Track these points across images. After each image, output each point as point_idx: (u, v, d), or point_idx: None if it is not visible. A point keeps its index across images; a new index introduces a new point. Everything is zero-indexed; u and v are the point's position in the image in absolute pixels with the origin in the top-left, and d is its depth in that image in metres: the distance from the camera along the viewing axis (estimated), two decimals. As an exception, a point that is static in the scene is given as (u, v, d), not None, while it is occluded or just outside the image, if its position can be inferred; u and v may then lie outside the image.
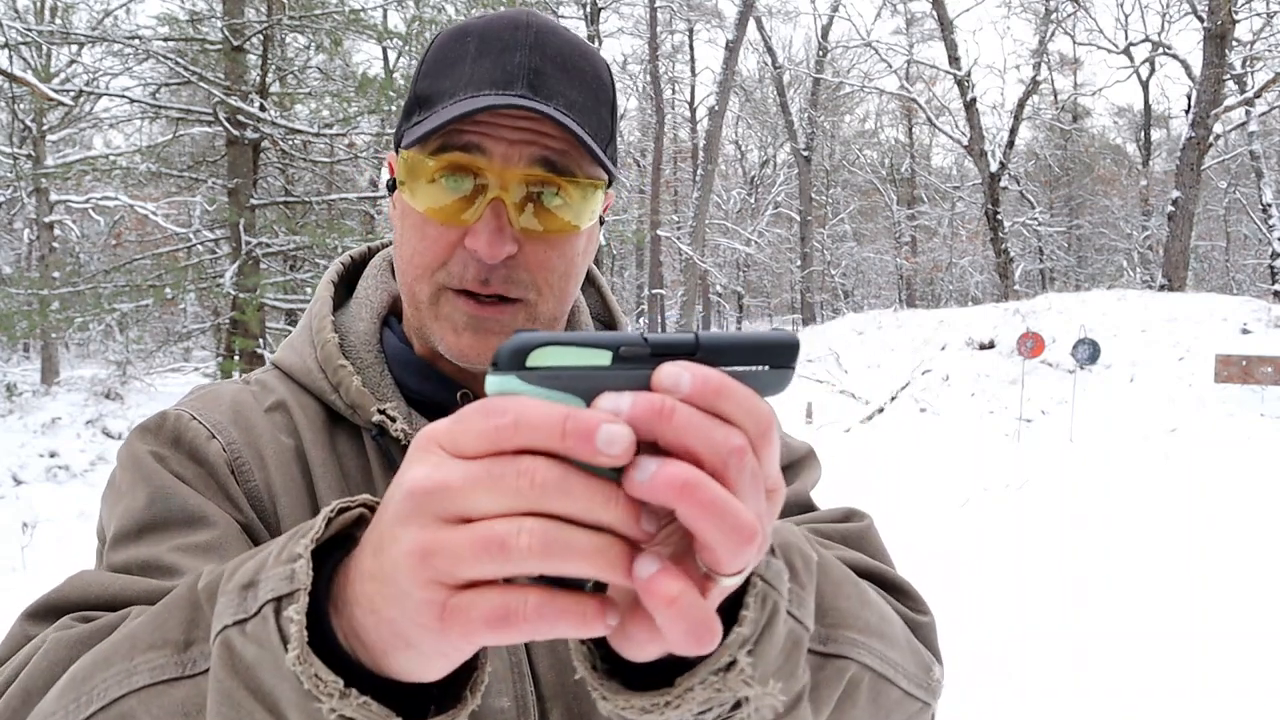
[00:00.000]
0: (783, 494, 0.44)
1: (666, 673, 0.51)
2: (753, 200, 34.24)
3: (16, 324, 10.48)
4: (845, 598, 0.68)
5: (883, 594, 0.78)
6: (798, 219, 29.64)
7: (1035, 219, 29.22)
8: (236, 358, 11.80)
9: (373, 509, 0.51)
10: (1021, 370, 12.28)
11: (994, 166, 21.27)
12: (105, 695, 0.57)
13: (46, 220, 13.12)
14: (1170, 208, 17.86)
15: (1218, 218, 32.65)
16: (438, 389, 0.85)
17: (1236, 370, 10.57)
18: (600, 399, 0.39)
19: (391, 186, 0.85)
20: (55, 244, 14.17)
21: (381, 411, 0.80)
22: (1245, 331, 13.06)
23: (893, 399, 13.69)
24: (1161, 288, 17.42)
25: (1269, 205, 20.16)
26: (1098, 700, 3.81)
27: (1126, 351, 12.92)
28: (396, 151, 0.84)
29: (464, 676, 0.51)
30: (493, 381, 0.41)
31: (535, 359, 0.40)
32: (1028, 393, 12.04)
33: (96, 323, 11.19)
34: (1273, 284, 19.61)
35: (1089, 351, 11.78)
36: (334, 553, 0.50)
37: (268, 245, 11.27)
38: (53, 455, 9.30)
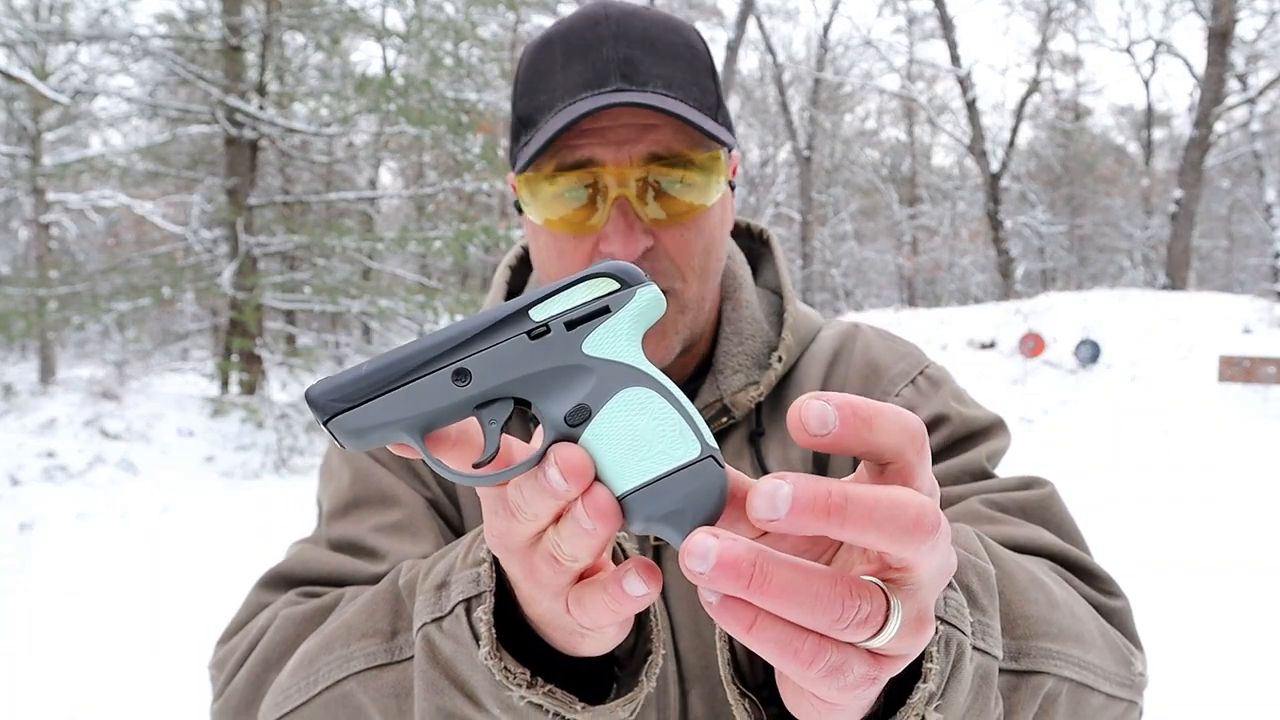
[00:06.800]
0: (939, 496, 0.43)
1: None
2: (753, 200, 34.19)
3: (14, 324, 10.45)
4: (1033, 603, 0.65)
5: (1068, 577, 0.74)
6: (798, 219, 29.60)
7: (1036, 218, 29.18)
8: (234, 358, 11.77)
9: None
10: (1023, 370, 12.25)
11: (995, 166, 21.23)
12: (329, 676, 0.67)
13: (43, 220, 13.09)
14: (1172, 207, 17.82)
15: (1220, 217, 32.59)
16: None
17: (1239, 370, 10.53)
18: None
19: (519, 207, 0.88)
20: (53, 244, 14.14)
21: None
22: (1247, 331, 13.02)
23: (894, 399, 13.66)
24: (1164, 287, 17.39)
25: (1271, 205, 20.10)
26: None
27: (1128, 351, 12.88)
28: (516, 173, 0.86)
29: (641, 663, 0.58)
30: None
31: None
32: (1029, 392, 12.00)
33: (94, 322, 11.13)
34: (1275, 283, 19.56)
35: (1090, 351, 11.75)
36: None
37: (266, 245, 11.22)
38: (50, 455, 9.25)
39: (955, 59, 21.66)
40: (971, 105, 21.38)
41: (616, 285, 0.45)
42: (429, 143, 12.11)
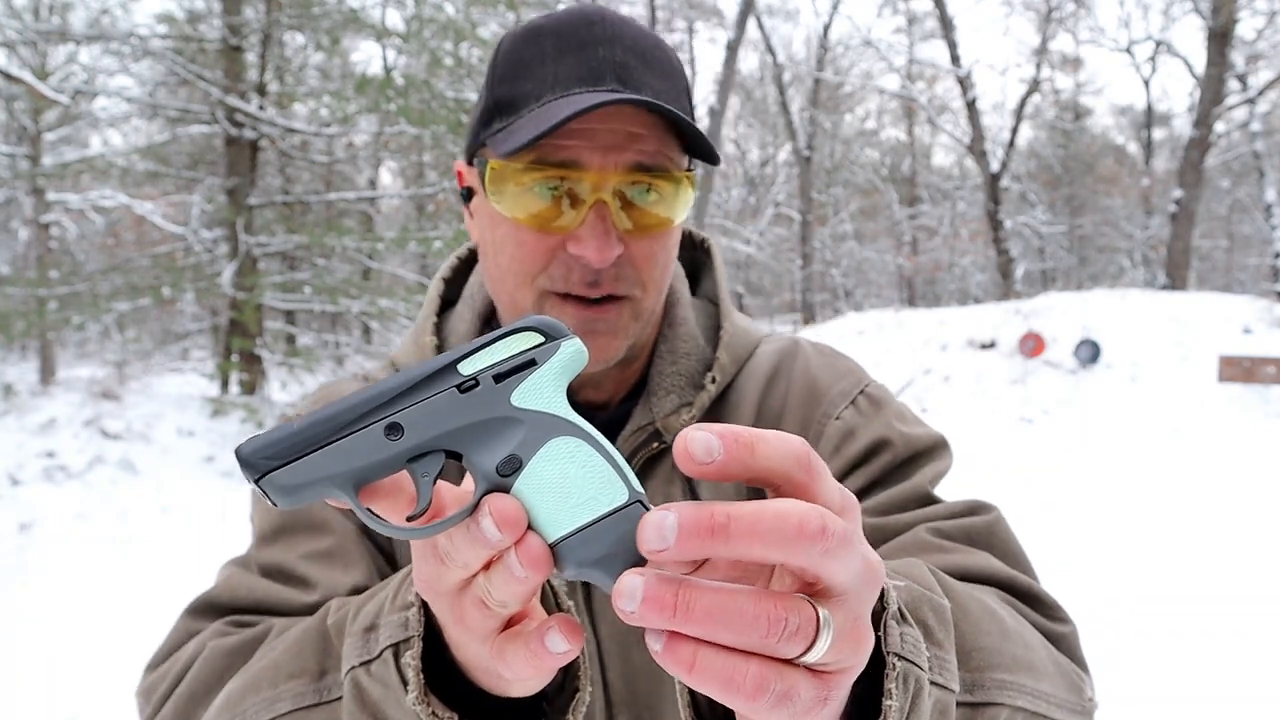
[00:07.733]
0: (856, 510, 0.44)
1: None
2: (753, 200, 34.19)
3: (14, 324, 10.44)
4: (986, 634, 0.65)
5: (1015, 604, 0.74)
6: (798, 219, 29.60)
7: (1036, 218, 29.17)
8: (234, 358, 11.76)
9: None
10: (1023, 370, 12.24)
11: (995, 166, 21.22)
12: (257, 718, 0.66)
13: (43, 220, 13.08)
14: (1172, 207, 17.81)
15: (1220, 217, 32.59)
16: None
17: (1240, 370, 10.52)
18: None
19: (467, 196, 0.84)
20: (53, 244, 14.13)
21: None
22: (1247, 331, 13.01)
23: (894, 399, 13.64)
24: (1164, 287, 17.39)
25: (1271, 205, 20.10)
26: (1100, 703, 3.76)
27: (1128, 351, 12.87)
28: (470, 161, 0.83)
29: (570, 699, 0.59)
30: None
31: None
32: (1029, 393, 12.00)
33: (94, 322, 11.13)
34: (1275, 283, 19.56)
35: (1090, 351, 11.75)
36: None
37: (266, 245, 11.22)
38: (50, 455, 9.25)
39: (955, 59, 21.65)
40: (971, 105, 21.37)
41: (541, 339, 0.46)
42: (429, 143, 12.10)
